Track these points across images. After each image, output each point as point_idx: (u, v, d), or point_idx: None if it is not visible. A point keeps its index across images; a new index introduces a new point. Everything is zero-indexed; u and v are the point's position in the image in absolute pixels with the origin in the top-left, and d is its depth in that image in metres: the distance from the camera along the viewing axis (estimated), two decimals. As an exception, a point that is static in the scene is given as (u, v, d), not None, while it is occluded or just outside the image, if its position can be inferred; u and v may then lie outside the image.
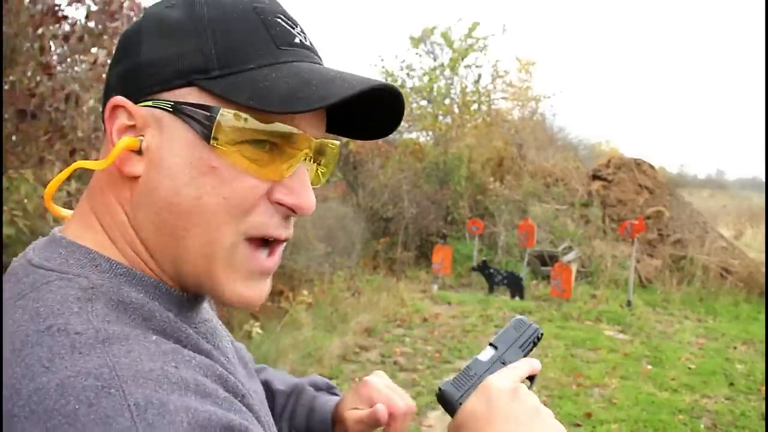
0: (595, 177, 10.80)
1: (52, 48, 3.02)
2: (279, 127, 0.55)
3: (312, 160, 0.61)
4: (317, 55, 0.60)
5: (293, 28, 0.59)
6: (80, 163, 0.57)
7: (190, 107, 0.53)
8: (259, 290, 0.60)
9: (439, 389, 0.64)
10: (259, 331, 4.83)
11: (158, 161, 0.54)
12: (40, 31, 2.94)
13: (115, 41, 3.50)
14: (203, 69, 0.53)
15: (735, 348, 6.07)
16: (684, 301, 8.05)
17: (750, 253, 9.91)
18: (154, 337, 0.50)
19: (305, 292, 5.82)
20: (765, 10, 16.89)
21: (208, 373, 0.51)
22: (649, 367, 5.33)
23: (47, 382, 0.43)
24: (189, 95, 0.54)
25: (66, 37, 3.07)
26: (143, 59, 0.55)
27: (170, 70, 0.54)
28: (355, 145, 10.81)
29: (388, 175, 10.02)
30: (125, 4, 3.27)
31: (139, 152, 0.55)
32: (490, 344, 0.69)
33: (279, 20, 0.57)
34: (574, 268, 8.12)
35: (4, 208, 2.53)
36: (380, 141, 11.68)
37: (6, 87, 2.91)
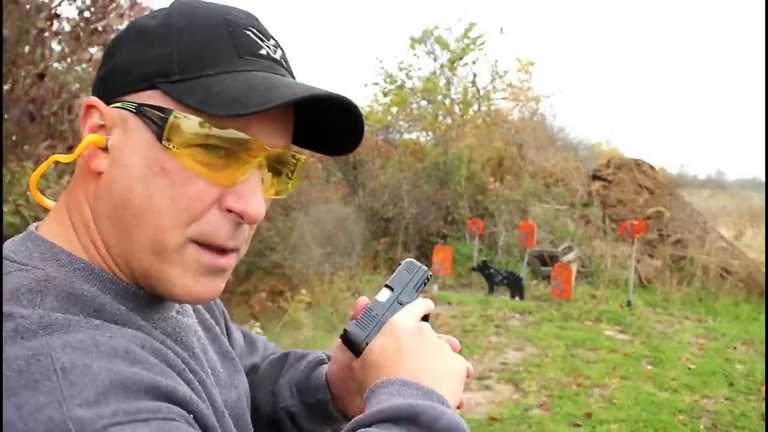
0: (595, 177, 10.80)
1: (54, 50, 3.02)
2: (231, 133, 0.56)
3: (269, 169, 0.61)
4: (284, 67, 0.62)
5: (263, 41, 0.60)
6: (55, 157, 0.60)
7: (149, 108, 0.56)
8: (212, 287, 0.60)
9: (345, 330, 0.65)
10: (259, 331, 4.83)
11: (119, 159, 0.57)
12: (34, 31, 2.94)
13: (112, 36, 3.51)
14: (165, 73, 0.56)
15: (735, 348, 6.07)
16: (684, 301, 8.05)
17: (750, 253, 9.91)
18: (97, 322, 0.52)
19: (304, 291, 5.82)
20: (765, 10, 16.89)
21: (145, 344, 0.52)
22: (649, 367, 5.33)
23: None
24: (152, 98, 0.56)
25: (57, 34, 3.08)
26: (118, 63, 0.58)
27: (138, 74, 0.57)
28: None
29: (388, 175, 10.02)
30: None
31: (105, 150, 0.58)
32: (386, 286, 0.71)
33: (248, 32, 0.59)
34: (574, 268, 8.12)
35: (9, 198, 2.65)
36: (380, 141, 11.69)
37: (7, 87, 2.92)
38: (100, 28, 3.16)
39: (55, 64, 3.05)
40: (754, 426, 4.16)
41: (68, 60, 3.24)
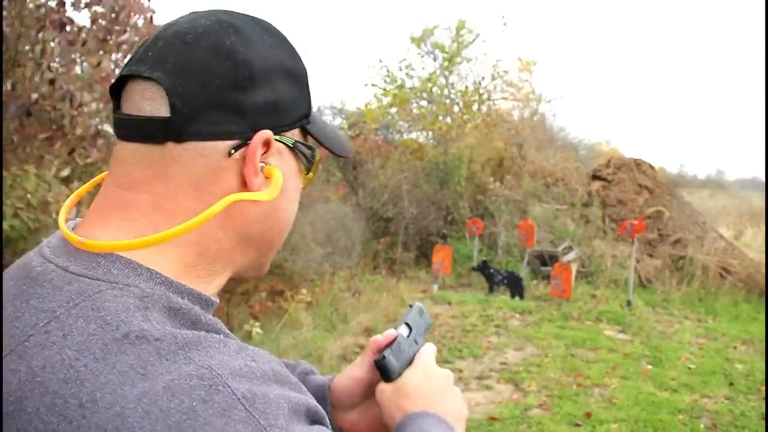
0: (595, 177, 10.81)
1: (54, 51, 3.02)
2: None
3: None
4: None
5: None
6: (238, 196, 0.60)
7: (301, 145, 0.65)
8: None
9: (383, 357, 0.75)
10: (259, 331, 4.83)
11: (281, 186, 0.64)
12: (41, 35, 2.94)
13: (123, 46, 3.51)
14: (306, 115, 0.65)
15: (735, 348, 6.08)
16: (684, 301, 8.06)
17: (750, 253, 9.91)
18: (219, 336, 0.54)
19: (304, 291, 5.83)
20: (765, 10, 16.89)
21: (273, 362, 0.56)
22: (649, 367, 5.33)
23: (152, 386, 0.47)
24: (296, 135, 0.65)
25: (71, 42, 3.07)
26: (279, 97, 0.62)
27: (296, 113, 0.64)
28: (354, 145, 10.81)
29: (388, 175, 10.02)
30: (134, 17, 3.28)
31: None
32: (406, 324, 0.81)
33: None
34: (574, 268, 8.13)
35: (8, 202, 2.62)
36: (380, 141, 11.69)
37: (8, 88, 2.92)
38: (111, 41, 3.16)
39: (54, 64, 3.05)
40: (754, 426, 4.16)
41: (74, 59, 3.24)
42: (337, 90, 37.56)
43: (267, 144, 0.60)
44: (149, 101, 0.57)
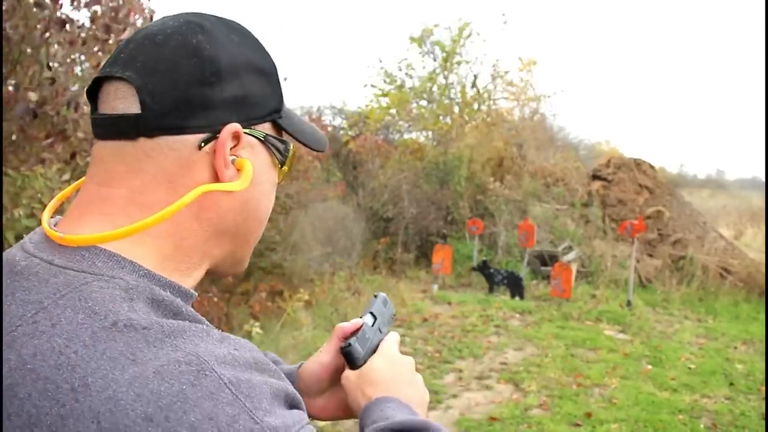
0: (595, 177, 10.80)
1: (57, 53, 3.03)
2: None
3: None
4: None
5: None
6: (208, 186, 0.61)
7: (273, 139, 0.67)
8: None
9: (349, 344, 0.78)
10: (259, 331, 4.83)
11: (254, 178, 0.65)
12: (47, 34, 2.95)
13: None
14: (278, 109, 0.67)
15: (735, 348, 6.08)
16: (684, 301, 8.06)
17: (750, 253, 9.91)
18: (200, 327, 0.56)
19: (303, 291, 5.83)
20: (765, 10, 16.89)
21: (254, 351, 0.58)
22: (649, 367, 5.33)
23: (142, 371, 0.49)
24: (268, 129, 0.67)
25: (71, 42, 3.08)
26: (248, 92, 0.64)
27: (266, 107, 0.66)
28: (355, 144, 10.82)
29: (388, 175, 10.02)
30: (132, 16, 3.28)
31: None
32: (370, 313, 0.84)
33: None
34: (574, 268, 8.12)
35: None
36: (380, 141, 11.69)
37: (10, 89, 2.92)
38: (111, 40, 3.16)
39: (55, 64, 3.05)
40: (754, 426, 4.16)
41: (68, 61, 3.24)
42: (337, 90, 37.53)
43: (237, 137, 0.62)
44: (122, 100, 0.60)
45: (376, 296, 0.89)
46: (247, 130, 0.63)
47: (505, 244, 9.53)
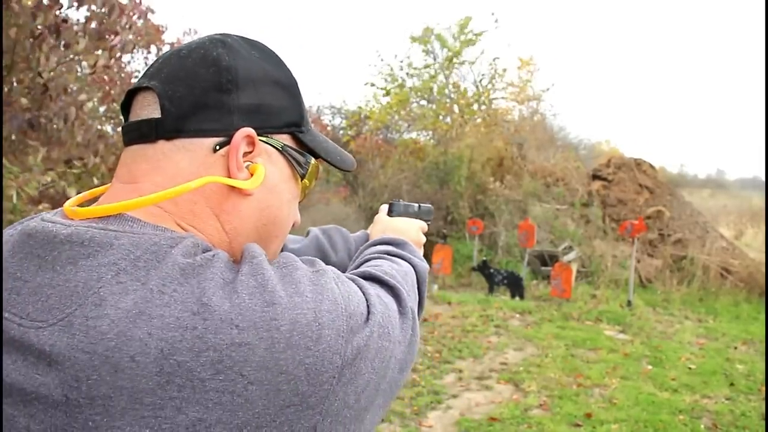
0: (595, 177, 10.80)
1: (50, 60, 3.02)
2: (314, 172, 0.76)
3: None
4: None
5: None
6: (215, 178, 0.63)
7: (292, 150, 0.70)
8: None
9: (398, 200, 1.09)
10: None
11: (271, 185, 0.68)
12: (39, 41, 2.94)
13: (117, 45, 3.51)
14: (298, 123, 0.70)
15: (735, 348, 6.07)
16: (684, 301, 8.05)
17: (750, 253, 9.90)
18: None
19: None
20: (765, 10, 16.89)
21: None
22: (650, 367, 5.33)
23: (280, 318, 0.55)
24: (287, 141, 0.70)
25: (67, 45, 3.07)
26: (264, 103, 0.67)
27: (283, 118, 0.69)
28: (355, 144, 10.82)
29: (388, 175, 10.02)
30: (127, 14, 3.27)
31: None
32: (418, 203, 1.13)
33: None
34: (574, 268, 8.12)
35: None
36: (380, 140, 11.69)
37: (6, 90, 2.92)
38: (110, 39, 3.16)
39: (48, 72, 3.04)
40: (755, 426, 4.16)
41: (66, 60, 3.23)
42: (337, 90, 37.56)
43: (252, 143, 0.65)
44: (146, 107, 0.64)
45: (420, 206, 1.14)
46: (263, 138, 0.66)
47: (505, 244, 9.52)
